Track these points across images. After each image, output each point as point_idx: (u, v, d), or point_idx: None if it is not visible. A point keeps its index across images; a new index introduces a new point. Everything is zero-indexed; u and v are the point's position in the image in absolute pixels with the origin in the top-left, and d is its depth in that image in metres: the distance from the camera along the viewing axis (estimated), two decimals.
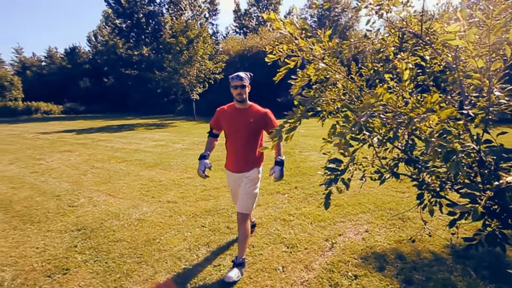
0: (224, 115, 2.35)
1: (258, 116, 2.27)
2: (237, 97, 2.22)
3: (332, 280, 2.08)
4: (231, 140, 2.33)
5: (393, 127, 1.52)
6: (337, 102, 1.66)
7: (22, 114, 27.41)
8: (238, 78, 2.20)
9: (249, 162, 2.31)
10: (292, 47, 1.55)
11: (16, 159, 6.58)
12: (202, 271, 2.24)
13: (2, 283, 2.15)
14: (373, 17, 1.77)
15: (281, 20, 1.47)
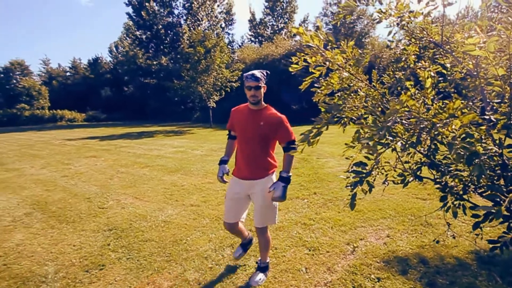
0: (236, 116, 2.18)
1: (270, 121, 2.02)
2: (251, 99, 2.01)
3: (355, 282, 2.14)
4: (240, 142, 2.13)
5: (416, 132, 1.59)
6: (360, 108, 1.75)
7: (48, 121, 28.85)
8: (253, 78, 1.96)
9: (260, 168, 2.07)
10: (319, 58, 1.66)
11: (47, 164, 6.99)
12: (229, 271, 2.35)
13: (46, 276, 2.34)
14: (394, 28, 1.86)
15: (309, 34, 1.59)
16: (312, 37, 1.59)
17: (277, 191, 1.96)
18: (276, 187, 1.97)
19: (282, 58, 21.11)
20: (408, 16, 1.80)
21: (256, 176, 2.07)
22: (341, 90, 1.98)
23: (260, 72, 2.02)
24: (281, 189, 1.96)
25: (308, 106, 21.86)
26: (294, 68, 2.05)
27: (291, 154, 1.94)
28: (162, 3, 27.41)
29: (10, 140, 13.27)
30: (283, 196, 1.96)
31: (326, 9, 24.66)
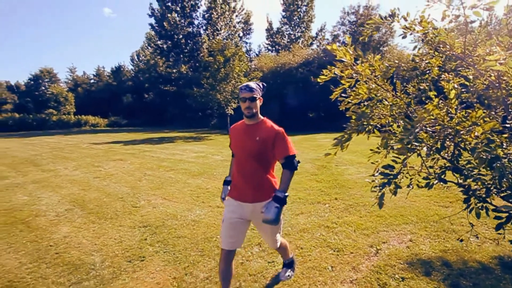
0: (233, 134, 2.02)
1: (265, 134, 1.83)
2: (246, 112, 1.84)
3: (380, 280, 2.26)
4: (238, 162, 1.94)
5: (440, 139, 1.74)
6: (388, 116, 1.91)
7: (73, 126, 30.27)
8: (247, 89, 1.82)
9: (259, 189, 1.85)
10: (350, 71, 1.85)
11: (79, 166, 7.44)
12: (259, 266, 2.52)
13: (94, 264, 2.60)
14: (419, 43, 2.02)
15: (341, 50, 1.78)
16: (344, 53, 1.78)
17: (268, 213, 1.65)
18: (268, 207, 1.68)
19: (299, 66, 21.36)
20: (432, 32, 1.96)
21: (258, 198, 1.84)
22: (368, 100, 2.15)
23: (256, 83, 1.89)
24: (274, 211, 1.65)
25: (325, 115, 21.89)
26: (322, 79, 2.24)
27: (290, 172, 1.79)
28: (183, 14, 28.47)
29: (41, 143, 14.08)
30: (275, 220, 1.65)
31: (344, 18, 24.81)
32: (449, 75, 2.02)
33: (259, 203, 1.85)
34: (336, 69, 2.09)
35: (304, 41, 33.98)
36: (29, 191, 5.07)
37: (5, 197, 4.69)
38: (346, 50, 1.90)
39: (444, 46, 2.15)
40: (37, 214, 3.91)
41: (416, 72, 2.10)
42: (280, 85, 20.79)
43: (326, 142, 11.66)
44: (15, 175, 6.44)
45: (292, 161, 1.82)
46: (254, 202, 1.86)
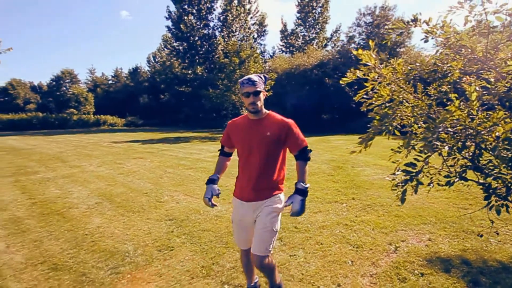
0: (235, 130, 1.88)
1: (277, 128, 1.75)
2: (250, 107, 1.72)
3: (399, 275, 2.34)
4: (243, 160, 1.82)
5: (461, 139, 1.82)
6: (410, 117, 2.01)
7: (92, 125, 31.31)
8: (250, 83, 1.69)
9: (266, 187, 1.79)
10: (374, 74, 1.96)
11: (102, 163, 7.79)
12: (282, 259, 2.65)
13: (128, 252, 2.80)
14: (440, 47, 2.11)
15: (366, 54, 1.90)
16: (369, 58, 1.89)
17: (295, 205, 1.69)
18: (294, 200, 1.70)
19: (314, 68, 21.33)
20: (454, 37, 2.04)
21: (261, 196, 1.79)
22: (390, 101, 2.24)
23: (257, 75, 1.76)
24: (299, 203, 1.69)
25: (339, 116, 21.78)
26: (344, 81, 2.35)
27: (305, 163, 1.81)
28: (199, 16, 28.97)
29: (65, 141, 14.71)
30: (301, 211, 1.70)
31: (359, 19, 24.57)
32: (470, 78, 2.10)
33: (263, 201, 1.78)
34: (359, 72, 2.20)
35: (318, 43, 33.86)
36: (60, 185, 5.39)
37: (39, 190, 5.02)
38: (371, 54, 2.01)
39: (466, 49, 2.22)
40: (70, 206, 4.18)
41: (438, 75, 2.18)
42: (294, 87, 20.84)
43: (340, 144, 11.65)
44: (45, 170, 6.83)
45: (306, 152, 1.81)
46: (257, 200, 1.79)
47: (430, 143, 1.60)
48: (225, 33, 29.30)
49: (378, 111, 2.15)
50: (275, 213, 1.78)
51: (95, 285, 2.27)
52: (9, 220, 3.63)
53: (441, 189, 4.66)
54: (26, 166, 7.37)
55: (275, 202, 1.80)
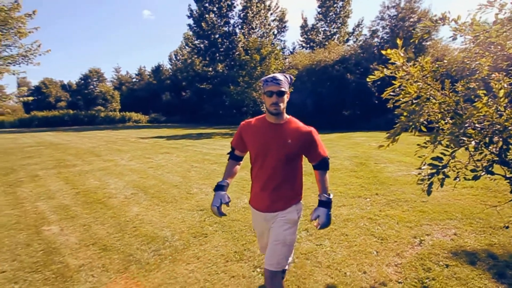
0: (250, 132, 1.73)
1: (299, 136, 1.65)
2: (272, 108, 1.59)
3: (424, 265, 2.43)
4: (258, 166, 1.69)
5: (488, 134, 1.89)
6: (437, 114, 2.09)
7: (118, 122, 32.73)
8: (274, 82, 1.58)
9: (283, 197, 1.69)
10: (402, 72, 2.05)
11: (132, 157, 8.26)
12: (309, 247, 2.81)
13: (167, 237, 3.07)
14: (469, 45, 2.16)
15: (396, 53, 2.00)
16: (398, 57, 1.99)
17: (322, 219, 1.63)
18: (319, 214, 1.64)
19: (335, 63, 21.03)
20: (484, 35, 2.09)
21: (277, 207, 1.69)
22: (417, 98, 2.33)
23: (283, 75, 1.64)
24: (325, 216, 1.63)
25: (361, 112, 21.38)
26: (371, 78, 2.45)
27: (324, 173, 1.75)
28: (219, 14, 29.31)
29: (95, 137, 15.57)
30: (328, 223, 1.63)
31: (383, 13, 23.82)
32: (499, 75, 2.14)
33: (278, 212, 1.69)
34: (386, 70, 2.30)
35: (340, 37, 33.23)
36: (98, 177, 5.83)
37: (80, 181, 5.47)
38: (399, 53, 2.11)
39: (495, 46, 2.26)
40: (109, 196, 4.55)
41: (466, 72, 2.23)
42: (314, 83, 20.67)
43: (363, 141, 11.53)
44: (82, 163, 7.36)
45: (327, 162, 1.74)
46: (273, 211, 1.69)
47: (457, 137, 1.69)
48: (245, 30, 29.47)
49: (405, 108, 2.25)
50: (288, 225, 1.66)
51: (142, 264, 2.54)
52: (58, 207, 4.04)
53: (468, 186, 4.61)
54: (65, 159, 7.97)
55: (290, 213, 1.68)
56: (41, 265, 2.52)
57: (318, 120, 20.16)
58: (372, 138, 12.38)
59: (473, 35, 2.09)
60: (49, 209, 3.96)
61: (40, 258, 2.66)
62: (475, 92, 2.29)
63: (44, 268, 2.49)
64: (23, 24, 8.56)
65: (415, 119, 2.12)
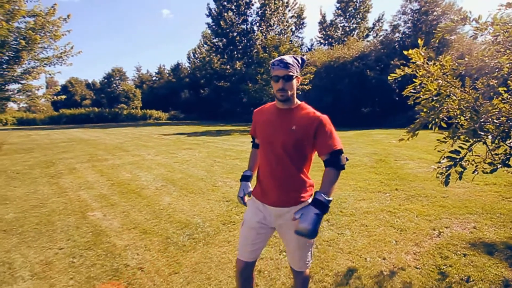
0: (260, 119, 1.64)
1: (305, 122, 1.46)
2: (279, 94, 1.46)
3: (442, 254, 2.57)
4: (264, 154, 1.56)
5: (505, 129, 2.00)
6: (456, 110, 2.21)
7: (140, 119, 33.90)
8: (281, 65, 1.44)
9: (292, 190, 1.50)
10: (423, 71, 2.19)
11: (158, 152, 8.70)
12: (331, 235, 3.00)
13: (198, 223, 3.35)
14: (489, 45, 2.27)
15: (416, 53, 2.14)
16: (418, 57, 2.14)
17: (305, 221, 1.27)
18: (304, 213, 1.30)
19: (354, 60, 20.80)
20: (504, 34, 2.20)
21: (287, 202, 1.50)
22: (437, 95, 2.45)
23: (293, 57, 1.49)
24: (312, 219, 1.27)
25: (380, 110, 21.04)
26: (392, 76, 2.60)
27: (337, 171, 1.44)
28: (237, 12, 29.59)
29: (120, 133, 16.32)
30: (313, 231, 1.26)
31: (405, 7, 23.20)
32: None
33: (288, 208, 1.49)
34: (407, 69, 2.44)
35: (359, 33, 32.66)
36: (129, 170, 6.25)
37: (114, 174, 5.90)
38: (420, 53, 2.25)
39: None
40: (142, 187, 4.92)
41: (485, 70, 2.33)
42: (333, 80, 20.55)
43: (382, 138, 11.45)
44: (113, 158, 7.86)
45: (339, 158, 1.43)
46: (282, 206, 1.50)
47: (473, 131, 1.82)
48: (263, 27, 29.59)
49: (425, 104, 2.38)
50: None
51: (179, 245, 2.83)
52: (98, 196, 4.44)
53: (491, 183, 4.61)
54: (96, 154, 8.52)
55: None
56: (92, 244, 2.87)
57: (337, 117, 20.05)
58: (392, 135, 12.24)
59: (493, 35, 2.20)
60: (90, 197, 4.37)
61: (90, 238, 3.01)
62: (495, 90, 2.39)
63: (95, 246, 2.83)
64: (58, 28, 9.18)
65: (434, 115, 2.26)
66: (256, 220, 1.58)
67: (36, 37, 8.51)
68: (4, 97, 9.08)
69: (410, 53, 2.17)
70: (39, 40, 8.70)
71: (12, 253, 2.71)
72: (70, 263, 2.52)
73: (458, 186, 4.49)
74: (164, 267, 2.45)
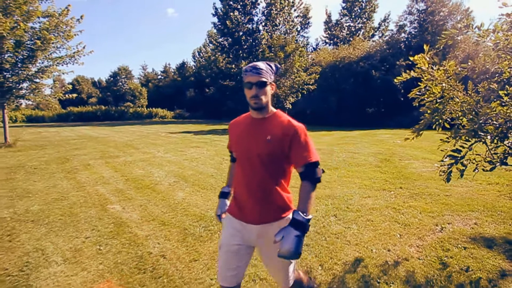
0: (235, 131, 1.56)
1: (280, 132, 1.39)
2: (253, 102, 1.39)
3: (443, 247, 2.73)
4: (241, 168, 1.48)
5: (503, 131, 2.17)
6: (458, 112, 2.38)
7: (146, 117, 34.29)
8: (254, 71, 1.36)
9: (269, 205, 1.41)
10: (428, 76, 2.36)
11: (167, 150, 8.93)
12: (338, 229, 3.18)
13: (213, 217, 3.55)
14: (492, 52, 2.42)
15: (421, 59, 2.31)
16: (423, 62, 2.31)
17: (286, 244, 1.19)
18: (285, 235, 1.21)
19: (360, 60, 20.87)
20: (504, 42, 2.36)
21: (266, 219, 1.40)
22: (441, 97, 2.62)
23: (266, 63, 1.43)
24: (294, 241, 1.19)
25: (385, 110, 21.10)
26: (398, 79, 2.77)
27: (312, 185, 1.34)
28: (243, 12, 29.74)
29: (128, 131, 16.62)
30: (296, 253, 1.18)
31: (412, 7, 23.19)
32: None
33: (268, 224, 1.40)
34: (413, 72, 2.61)
35: (365, 33, 32.63)
36: (141, 167, 6.48)
37: (127, 170, 6.13)
38: (424, 58, 2.42)
39: None
40: (155, 183, 5.14)
41: (486, 75, 2.49)
42: (338, 80, 20.66)
43: (387, 138, 11.57)
44: (124, 155, 8.11)
45: (314, 170, 1.35)
46: (261, 223, 1.40)
47: (473, 132, 1.99)
48: (268, 27, 29.71)
49: (429, 106, 2.55)
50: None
51: (196, 236, 3.03)
52: (115, 191, 4.66)
53: (494, 183, 4.75)
54: (108, 151, 8.78)
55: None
56: (115, 234, 3.09)
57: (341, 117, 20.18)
58: (397, 135, 12.35)
59: (493, 42, 2.36)
60: (107, 192, 4.60)
61: (112, 228, 3.23)
62: (495, 93, 2.55)
63: (118, 236, 3.04)
64: (71, 28, 9.45)
65: (438, 116, 2.43)
66: (235, 242, 1.45)
67: (51, 37, 8.79)
68: (20, 95, 9.37)
69: (415, 59, 2.34)
70: (53, 40, 8.96)
71: (43, 241, 2.93)
72: (97, 250, 2.74)
73: (461, 185, 4.64)
74: (184, 255, 2.65)
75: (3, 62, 8.72)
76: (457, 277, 2.26)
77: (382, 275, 2.30)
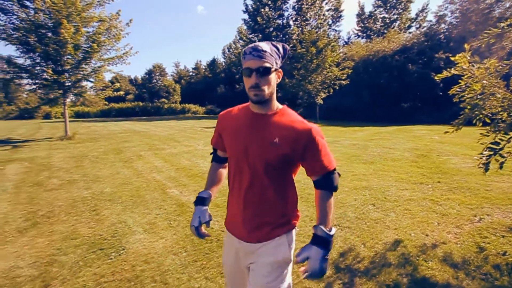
0: (227, 125, 1.28)
1: (291, 135, 1.12)
2: (252, 93, 1.10)
3: (481, 234, 2.91)
4: (234, 173, 1.24)
5: None
6: (498, 107, 2.54)
7: (179, 113, 35.89)
8: (254, 53, 1.07)
9: (266, 222, 1.18)
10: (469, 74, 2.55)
11: (206, 143, 9.55)
12: (377, 216, 3.44)
13: None
14: None
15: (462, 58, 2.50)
16: (464, 62, 2.50)
17: (313, 263, 1.06)
18: (310, 256, 1.07)
19: (395, 53, 20.20)
20: None
21: (258, 236, 1.18)
22: (481, 94, 2.78)
23: (270, 44, 1.14)
24: (319, 260, 1.06)
25: (422, 104, 20.26)
26: (439, 76, 2.95)
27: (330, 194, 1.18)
28: (274, 7, 29.85)
29: (166, 126, 17.69)
30: (322, 271, 1.06)
31: None
32: None
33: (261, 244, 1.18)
34: (454, 70, 2.79)
35: (400, 24, 31.26)
36: (187, 158, 7.10)
37: (175, 161, 6.78)
38: (465, 57, 2.60)
39: None
40: (203, 172, 5.68)
41: None
42: (371, 74, 20.18)
43: (423, 134, 11.30)
44: (169, 147, 8.84)
45: (332, 179, 1.17)
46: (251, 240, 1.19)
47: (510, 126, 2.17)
48: (299, 21, 29.57)
49: (470, 102, 2.73)
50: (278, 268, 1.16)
51: None
52: (169, 178, 5.27)
53: None
54: (153, 144, 9.59)
55: (278, 248, 1.18)
56: (180, 212, 3.62)
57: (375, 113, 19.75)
58: (434, 131, 11.99)
59: None
60: (163, 179, 5.21)
61: (176, 208, 3.77)
62: None
63: (183, 214, 3.57)
64: (121, 31, 10.38)
65: (478, 111, 2.61)
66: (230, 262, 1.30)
67: (105, 40, 9.72)
68: (79, 93, 10.51)
69: (456, 59, 2.53)
70: (107, 42, 9.91)
71: (122, 216, 3.54)
72: (169, 224, 3.27)
73: (503, 181, 4.63)
74: None
75: (65, 64, 9.84)
76: (493, 259, 2.46)
77: (421, 254, 2.57)
